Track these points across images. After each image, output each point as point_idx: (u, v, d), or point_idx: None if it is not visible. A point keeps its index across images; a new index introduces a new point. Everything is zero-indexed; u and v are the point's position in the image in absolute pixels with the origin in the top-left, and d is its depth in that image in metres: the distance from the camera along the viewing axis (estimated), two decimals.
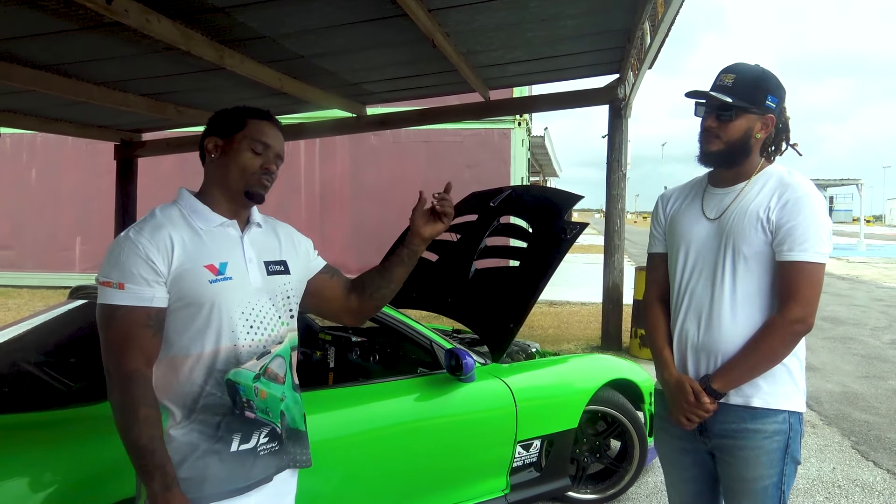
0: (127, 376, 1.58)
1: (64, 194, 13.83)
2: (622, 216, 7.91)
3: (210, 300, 1.66)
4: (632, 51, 6.11)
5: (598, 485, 3.89)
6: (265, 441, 1.75)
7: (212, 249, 1.70)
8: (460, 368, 3.09)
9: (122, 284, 1.60)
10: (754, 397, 2.01)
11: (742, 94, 1.98)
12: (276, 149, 1.81)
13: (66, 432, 2.36)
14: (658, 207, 2.32)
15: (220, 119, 1.82)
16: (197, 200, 1.76)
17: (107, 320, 1.61)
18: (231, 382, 1.68)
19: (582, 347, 8.12)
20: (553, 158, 21.37)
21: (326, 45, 5.19)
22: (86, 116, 7.58)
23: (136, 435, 1.56)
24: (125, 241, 1.63)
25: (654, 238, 2.32)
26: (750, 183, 2.06)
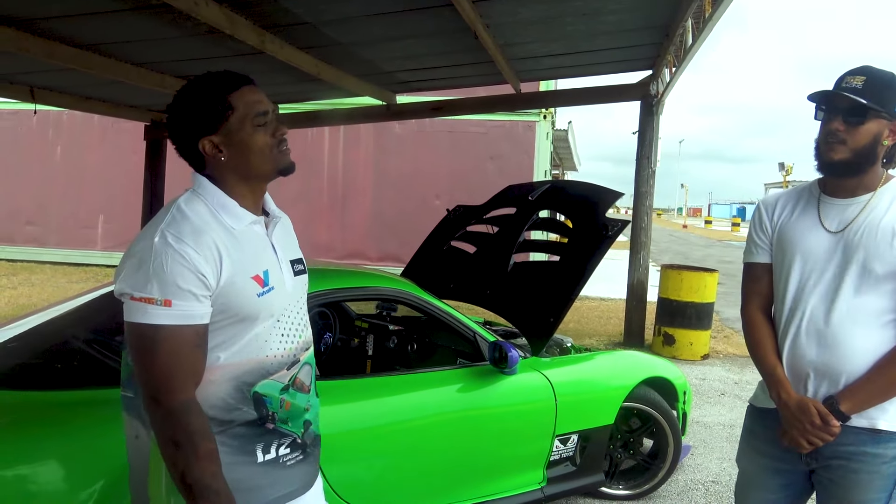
0: (182, 408, 1.39)
1: (88, 172, 13.90)
2: (649, 213, 7.89)
3: (254, 314, 1.51)
4: (669, 47, 6.08)
5: (631, 481, 3.90)
6: (286, 452, 1.61)
7: (252, 256, 1.52)
8: (505, 361, 3.11)
9: (168, 301, 1.37)
10: (880, 420, 1.90)
11: (875, 96, 1.85)
12: (272, 108, 1.57)
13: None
14: (762, 214, 2.14)
15: (194, 111, 1.51)
16: (222, 193, 1.53)
17: (149, 343, 1.38)
18: (258, 395, 1.54)
19: (604, 343, 8.12)
20: (574, 152, 21.32)
21: (366, 32, 5.20)
22: (118, 96, 7.62)
23: (200, 474, 1.38)
24: (166, 250, 1.39)
25: (756, 247, 2.14)
26: (876, 195, 1.93)
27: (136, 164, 11.14)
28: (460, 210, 4.89)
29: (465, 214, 4.80)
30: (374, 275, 3.55)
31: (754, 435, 2.15)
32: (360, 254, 12.81)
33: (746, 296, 2.16)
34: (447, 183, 12.55)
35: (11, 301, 9.48)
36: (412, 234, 12.00)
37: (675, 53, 6.48)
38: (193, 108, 1.51)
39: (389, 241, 12.78)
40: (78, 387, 2.58)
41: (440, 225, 4.87)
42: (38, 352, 2.98)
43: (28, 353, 2.97)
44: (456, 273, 4.38)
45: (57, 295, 10.07)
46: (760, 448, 2.11)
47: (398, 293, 3.25)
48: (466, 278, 4.27)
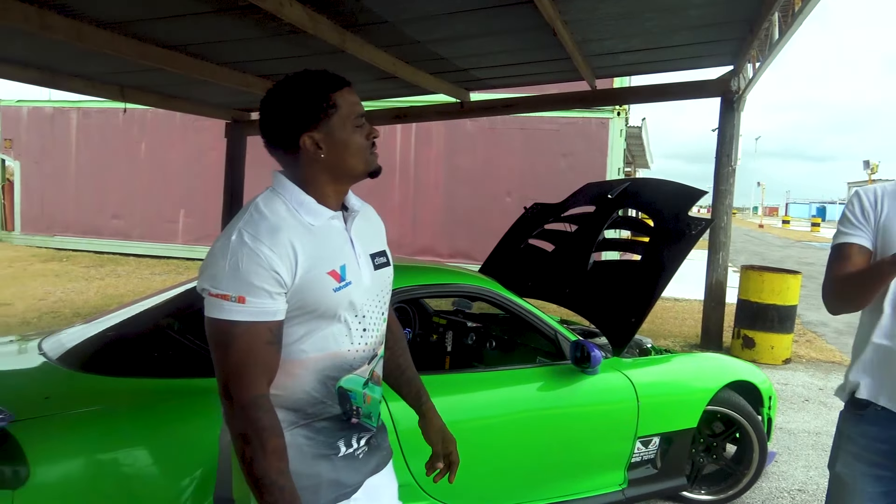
0: (252, 403, 1.41)
1: (170, 169, 14.43)
2: (729, 212, 7.68)
3: (332, 309, 1.51)
4: (753, 42, 5.90)
5: (713, 486, 3.81)
6: (363, 444, 1.65)
7: (329, 251, 1.53)
8: (587, 360, 3.08)
9: (242, 298, 1.40)
10: None
11: None
12: (364, 110, 1.60)
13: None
14: (864, 199, 2.01)
15: (298, 106, 1.53)
16: (301, 191, 1.54)
17: (224, 338, 1.42)
18: (343, 390, 1.56)
19: (680, 345, 7.95)
20: (647, 149, 20.94)
21: (445, 30, 5.23)
22: (201, 95, 7.88)
23: (266, 469, 1.40)
24: (241, 248, 1.42)
25: (854, 227, 2.00)
26: None
27: (215, 161, 11.53)
28: (538, 208, 4.87)
29: (542, 212, 4.78)
30: (455, 272, 3.57)
31: (850, 439, 2.04)
32: (431, 250, 12.89)
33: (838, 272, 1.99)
34: (518, 180, 12.51)
35: (100, 291, 9.92)
36: (483, 231, 12.08)
37: (759, 48, 6.28)
38: (297, 104, 1.52)
39: (460, 238, 12.83)
40: (174, 376, 2.67)
41: (517, 223, 4.86)
42: (136, 340, 3.10)
43: (123, 341, 3.10)
44: (534, 271, 4.37)
45: (141, 286, 10.48)
46: (858, 453, 2.00)
47: (481, 290, 3.26)
48: (545, 276, 4.25)
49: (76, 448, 2.20)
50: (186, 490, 2.28)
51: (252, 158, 9.32)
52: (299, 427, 1.53)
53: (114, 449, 2.26)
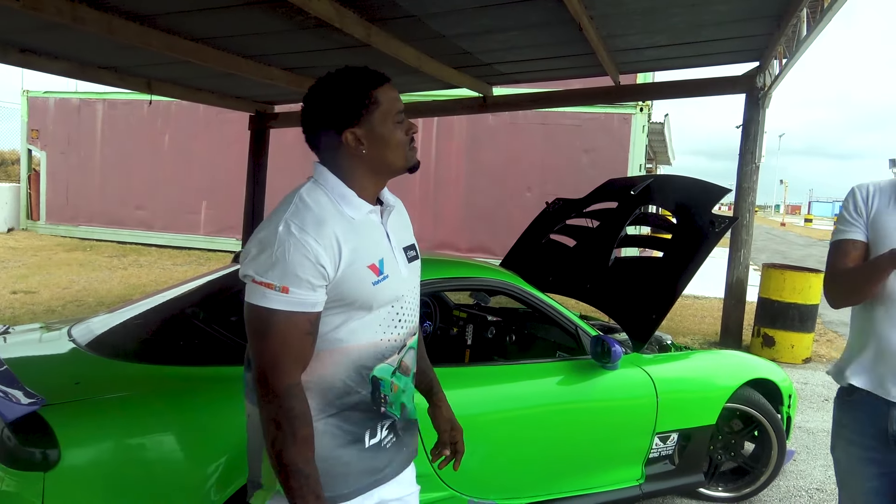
0: (286, 391, 1.45)
1: (193, 160, 14.56)
2: (752, 210, 7.63)
3: (369, 301, 1.55)
4: (780, 38, 5.85)
5: (731, 483, 3.82)
6: (386, 434, 1.66)
7: (369, 245, 1.56)
8: (607, 356, 3.10)
9: (286, 288, 1.43)
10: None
11: None
12: (403, 106, 1.63)
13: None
14: (857, 196, 2.12)
15: (340, 103, 1.55)
16: (343, 184, 1.57)
17: (264, 325, 1.45)
18: (375, 379, 1.60)
19: (699, 342, 7.93)
20: (669, 146, 20.80)
21: (470, 25, 5.25)
22: (226, 87, 7.96)
23: (293, 456, 1.44)
24: (288, 239, 1.44)
25: (849, 224, 2.10)
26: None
27: (237, 153, 11.61)
28: (559, 203, 4.88)
29: (564, 207, 4.79)
30: (477, 265, 3.60)
31: (843, 425, 2.15)
32: (451, 244, 12.91)
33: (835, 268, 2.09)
34: (539, 175, 12.49)
35: (123, 281, 10.05)
36: (503, 226, 12.10)
37: (785, 44, 6.22)
38: (339, 99, 1.55)
39: (481, 233, 12.84)
40: (199, 363, 2.72)
41: (539, 217, 4.88)
42: (163, 328, 3.16)
43: (151, 329, 3.15)
44: (555, 266, 4.38)
45: (163, 277, 10.61)
46: (851, 438, 2.11)
47: (503, 284, 3.28)
48: (566, 271, 4.26)
49: (105, 432, 2.26)
50: (211, 477, 2.33)
51: (274, 150, 9.41)
52: (331, 416, 1.56)
53: (142, 434, 2.31)
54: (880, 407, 2.01)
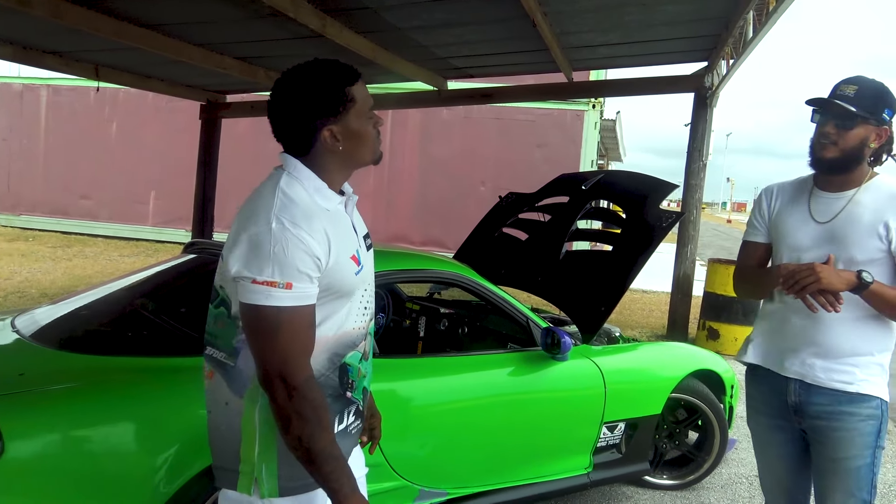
0: (307, 384, 1.47)
1: (141, 149, 14.25)
2: (699, 206, 7.81)
3: (351, 291, 1.60)
4: (728, 40, 6.00)
5: (675, 471, 3.93)
6: (353, 420, 1.71)
7: (345, 236, 1.60)
8: (557, 347, 3.16)
9: (289, 284, 1.44)
10: (852, 384, 2.15)
11: (863, 104, 2.09)
12: (373, 101, 1.66)
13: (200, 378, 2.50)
14: (762, 200, 2.41)
15: (318, 98, 1.56)
16: (316, 177, 1.59)
17: (272, 325, 1.45)
18: (345, 365, 1.63)
19: (647, 335, 8.10)
20: (620, 143, 21.12)
21: (426, 18, 5.25)
22: (177, 75, 7.81)
23: (325, 442, 1.47)
24: (284, 235, 1.45)
25: (754, 228, 2.42)
26: (861, 190, 2.16)
27: (187, 143, 11.41)
28: (512, 197, 4.93)
29: (517, 202, 4.85)
30: (431, 257, 3.62)
31: (751, 397, 2.45)
32: (404, 237, 12.92)
33: (739, 266, 2.46)
34: (493, 170, 12.58)
35: (67, 272, 9.81)
36: (457, 220, 12.15)
37: (733, 46, 6.39)
38: (317, 95, 1.55)
39: (434, 226, 12.88)
40: (149, 354, 2.69)
41: (492, 211, 4.92)
42: (111, 319, 3.11)
43: (99, 320, 3.10)
44: (507, 259, 4.43)
45: (110, 268, 10.39)
46: (760, 409, 2.41)
47: (456, 276, 3.31)
48: (518, 265, 4.32)
49: (51, 424, 2.23)
50: (160, 469, 2.31)
51: (225, 139, 9.27)
52: None
53: (88, 426, 2.28)
54: (779, 381, 2.28)
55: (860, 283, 2.03)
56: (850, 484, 2.16)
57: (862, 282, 2.03)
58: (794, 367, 2.22)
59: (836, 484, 2.18)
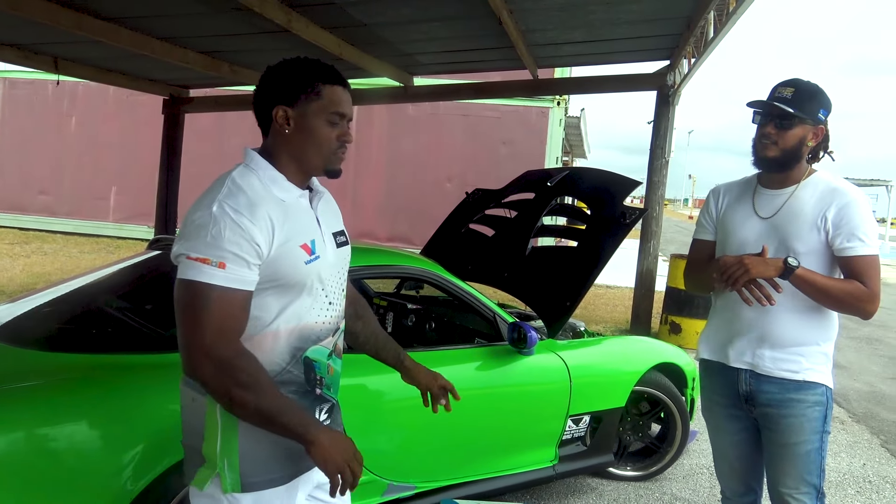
0: (237, 355, 1.49)
1: (102, 144, 13.99)
2: (661, 203, 7.94)
3: (302, 280, 1.59)
4: (689, 39, 6.11)
5: (638, 463, 4.01)
6: (325, 417, 1.71)
7: (300, 226, 1.60)
8: (524, 342, 3.20)
9: (222, 264, 1.46)
10: (798, 372, 2.27)
11: (800, 105, 2.21)
12: (350, 115, 1.66)
13: (171, 374, 2.49)
14: (710, 200, 2.56)
15: (285, 81, 1.60)
16: (272, 167, 1.61)
17: (201, 300, 1.46)
18: (309, 360, 1.64)
19: (611, 330, 8.22)
20: (585, 140, 21.30)
21: (392, 14, 5.26)
22: (139, 69, 7.69)
23: (271, 399, 1.49)
24: (223, 219, 1.47)
25: (702, 226, 2.56)
26: (800, 186, 2.29)
27: (149, 137, 11.24)
28: (479, 193, 4.97)
29: (483, 198, 4.88)
30: (399, 254, 3.64)
31: (708, 388, 2.56)
32: (370, 234, 12.90)
33: (689, 262, 2.61)
34: (459, 166, 12.62)
35: (26, 269, 9.61)
36: (423, 216, 12.15)
37: (694, 45, 6.50)
38: (285, 78, 1.60)
39: (400, 222, 12.88)
40: (113, 351, 2.66)
41: (459, 207, 4.95)
42: (72, 317, 3.07)
43: (62, 317, 3.06)
44: (474, 255, 4.47)
45: (70, 265, 10.19)
46: (714, 399, 2.52)
47: (424, 272, 3.34)
48: (484, 261, 4.35)
49: (14, 423, 2.20)
50: (127, 467, 2.30)
51: (188, 134, 9.16)
52: None
53: (52, 424, 2.26)
54: (731, 372, 2.39)
55: (787, 267, 2.13)
56: (799, 468, 2.29)
57: (788, 266, 2.13)
58: (745, 358, 2.34)
59: (787, 468, 2.31)
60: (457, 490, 3.19)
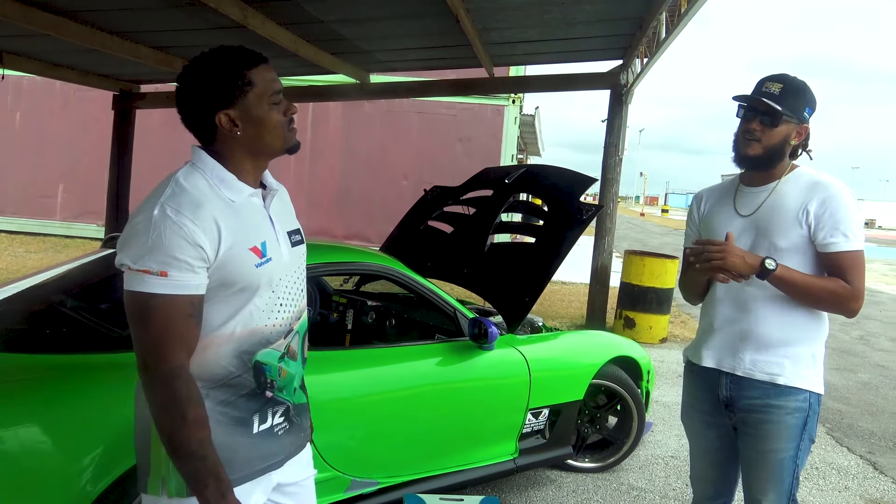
0: (171, 374, 1.43)
1: (48, 140, 13.60)
2: (615, 200, 8.08)
3: (253, 284, 1.54)
4: (642, 39, 6.23)
5: (596, 454, 4.09)
6: (280, 421, 1.67)
7: (250, 228, 1.56)
8: (484, 336, 3.24)
9: (164, 272, 1.41)
10: (781, 376, 2.19)
11: (788, 103, 2.14)
12: (282, 87, 1.60)
13: (127, 374, 2.45)
14: (693, 208, 2.51)
15: (213, 84, 1.52)
16: (221, 167, 1.56)
17: (144, 312, 1.43)
18: (259, 364, 1.59)
19: (567, 325, 8.32)
20: (539, 138, 21.51)
21: (348, 11, 5.25)
22: (89, 64, 7.51)
23: (186, 439, 1.42)
24: (164, 222, 1.42)
25: (688, 236, 2.51)
26: (782, 181, 2.22)
27: (98, 134, 10.99)
28: (437, 191, 4.99)
29: (442, 195, 4.91)
30: (359, 250, 3.65)
31: (687, 393, 2.50)
32: (326, 231, 12.82)
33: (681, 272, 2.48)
34: (415, 163, 12.63)
35: None
36: (379, 213, 12.16)
37: (647, 45, 6.63)
38: (211, 81, 1.52)
39: (356, 219, 12.83)
40: (67, 352, 2.62)
41: (417, 204, 4.97)
42: (26, 316, 3.00)
43: (14, 317, 3.00)
44: (433, 252, 4.49)
45: (16, 264, 9.91)
46: (695, 405, 2.45)
47: (384, 269, 3.35)
48: (443, 257, 4.38)
49: None
50: (86, 469, 2.27)
51: (140, 131, 8.98)
52: (215, 402, 1.54)
53: (6, 427, 2.21)
54: (711, 376, 2.33)
55: (762, 269, 2.09)
56: (773, 475, 2.22)
57: (764, 268, 2.09)
58: (727, 361, 2.27)
59: (760, 474, 2.25)
60: (419, 485, 3.21)
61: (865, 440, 5.12)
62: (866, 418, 5.68)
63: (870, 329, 10.18)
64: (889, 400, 6.33)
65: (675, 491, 3.91)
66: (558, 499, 3.72)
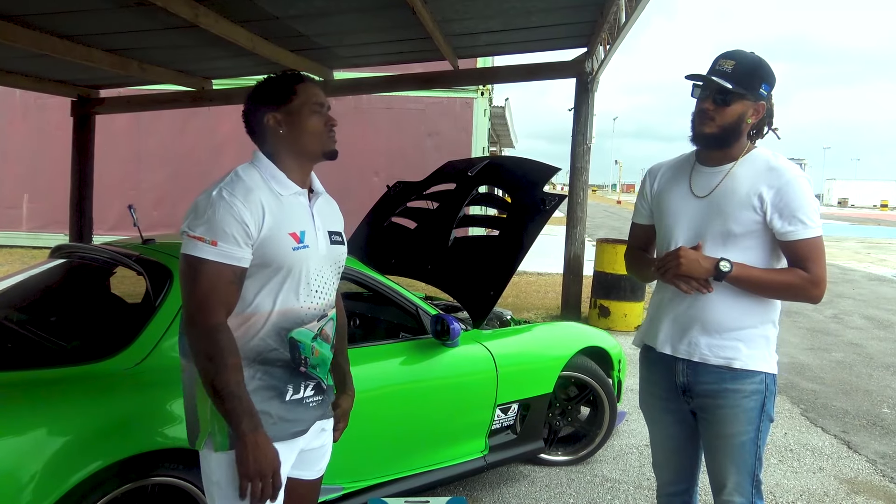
0: (214, 328, 1.69)
1: (10, 150, 13.32)
2: (585, 188, 8.05)
3: (289, 265, 1.79)
4: (604, 25, 6.19)
5: (569, 447, 4.04)
6: (311, 394, 1.90)
7: (292, 217, 1.82)
8: (447, 333, 3.17)
9: (214, 242, 1.69)
10: (736, 360, 2.17)
11: (740, 80, 2.09)
12: (328, 104, 1.92)
13: (70, 390, 2.36)
14: (645, 182, 2.44)
15: (267, 91, 1.87)
16: (275, 166, 1.85)
17: (194, 272, 1.70)
18: (294, 340, 1.83)
19: (542, 317, 8.29)
20: (511, 129, 21.47)
21: (304, 7, 5.14)
22: (44, 70, 7.32)
23: (226, 381, 1.67)
24: (219, 201, 1.71)
25: (638, 210, 2.47)
26: (737, 164, 2.17)
27: (60, 141, 10.77)
28: (400, 186, 4.92)
29: (405, 190, 4.83)
30: None
31: (644, 379, 2.48)
32: None
33: (627, 248, 2.55)
34: (385, 160, 12.52)
35: None
36: (349, 211, 11.82)
37: (609, 32, 6.59)
38: (267, 92, 1.86)
39: None
40: (9, 368, 2.51)
41: (381, 201, 4.89)
42: None
43: None
44: (397, 248, 4.42)
45: None
46: (652, 391, 2.43)
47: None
48: (408, 253, 4.31)
49: None
50: (28, 486, 2.18)
51: (104, 138, 8.79)
52: (256, 372, 1.79)
53: None
54: (668, 362, 2.29)
55: (717, 272, 2.08)
56: (735, 459, 2.20)
57: (719, 272, 2.08)
58: (682, 347, 2.24)
59: (722, 459, 2.23)
60: (386, 488, 3.14)
61: (839, 419, 5.12)
62: (840, 397, 5.69)
63: (843, 307, 10.26)
64: (862, 378, 6.36)
65: (650, 480, 3.87)
66: (531, 494, 3.67)
